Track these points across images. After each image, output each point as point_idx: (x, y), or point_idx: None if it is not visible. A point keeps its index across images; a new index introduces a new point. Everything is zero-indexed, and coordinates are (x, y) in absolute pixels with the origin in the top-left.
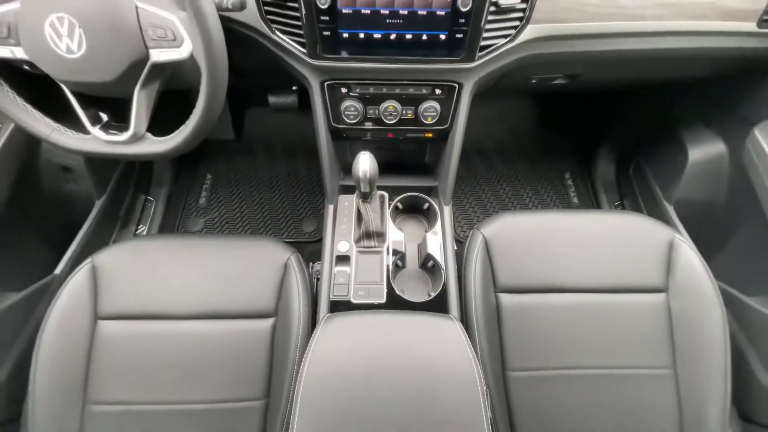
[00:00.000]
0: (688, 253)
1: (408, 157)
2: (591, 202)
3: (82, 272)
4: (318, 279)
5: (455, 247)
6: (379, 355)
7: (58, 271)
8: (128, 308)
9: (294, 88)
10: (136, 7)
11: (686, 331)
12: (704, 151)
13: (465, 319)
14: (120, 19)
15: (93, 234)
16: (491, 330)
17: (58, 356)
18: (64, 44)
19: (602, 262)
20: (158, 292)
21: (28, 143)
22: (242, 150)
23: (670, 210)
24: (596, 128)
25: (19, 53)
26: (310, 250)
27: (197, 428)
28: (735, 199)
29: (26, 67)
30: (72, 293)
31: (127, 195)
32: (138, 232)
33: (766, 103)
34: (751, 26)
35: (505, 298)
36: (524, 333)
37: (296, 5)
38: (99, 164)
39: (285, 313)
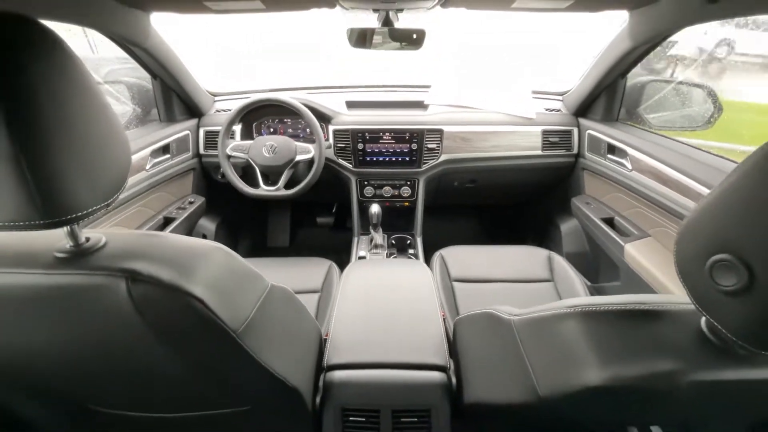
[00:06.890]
0: (559, 260)
1: (399, 228)
2: None
3: None
4: None
5: (424, 260)
6: (382, 272)
7: None
8: None
9: (333, 210)
10: (295, 146)
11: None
12: (567, 225)
13: None
14: (290, 149)
15: None
16: (449, 300)
17: None
18: (269, 153)
19: (514, 267)
20: None
21: (196, 217)
22: (293, 252)
23: (564, 259)
24: (522, 228)
25: (244, 156)
26: None
27: None
28: (590, 244)
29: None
30: None
31: None
32: None
33: (572, 187)
34: (539, 152)
35: (457, 284)
36: (471, 301)
37: (350, 150)
38: (222, 235)
39: (327, 290)
